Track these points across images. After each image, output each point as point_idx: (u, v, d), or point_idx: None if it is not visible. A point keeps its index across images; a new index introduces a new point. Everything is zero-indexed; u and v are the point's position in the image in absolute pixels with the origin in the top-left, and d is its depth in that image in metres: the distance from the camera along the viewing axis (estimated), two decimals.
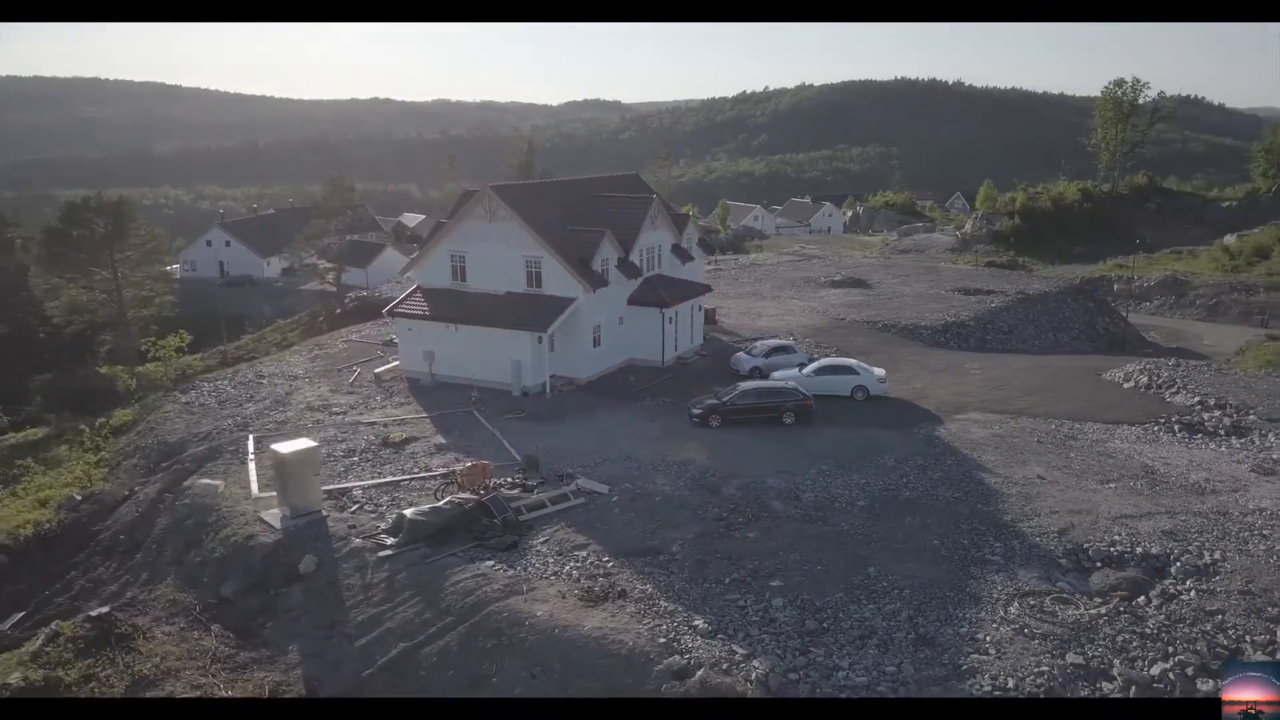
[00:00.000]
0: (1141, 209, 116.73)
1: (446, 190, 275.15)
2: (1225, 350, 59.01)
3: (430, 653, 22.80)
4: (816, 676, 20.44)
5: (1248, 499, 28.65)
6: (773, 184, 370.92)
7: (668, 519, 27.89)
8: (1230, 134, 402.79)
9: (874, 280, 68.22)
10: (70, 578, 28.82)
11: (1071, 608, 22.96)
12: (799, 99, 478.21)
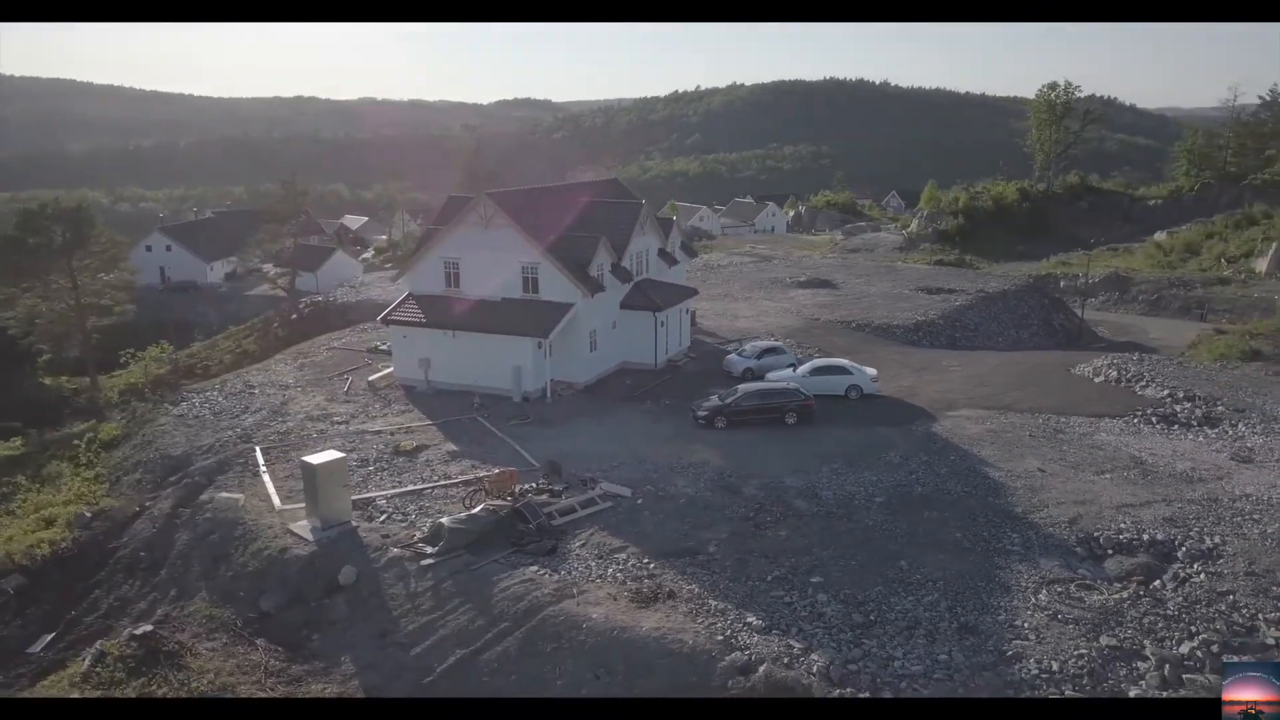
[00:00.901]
0: (1075, 207, 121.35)
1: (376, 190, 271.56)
2: (1171, 343, 61.93)
3: (490, 658, 23.19)
4: (874, 667, 21.47)
5: (1233, 486, 30.58)
6: (708, 183, 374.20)
7: (697, 520, 28.66)
8: (1141, 134, 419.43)
9: (838, 280, 69.97)
10: (94, 597, 28.34)
11: (1095, 593, 24.42)
12: (731, 98, 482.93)
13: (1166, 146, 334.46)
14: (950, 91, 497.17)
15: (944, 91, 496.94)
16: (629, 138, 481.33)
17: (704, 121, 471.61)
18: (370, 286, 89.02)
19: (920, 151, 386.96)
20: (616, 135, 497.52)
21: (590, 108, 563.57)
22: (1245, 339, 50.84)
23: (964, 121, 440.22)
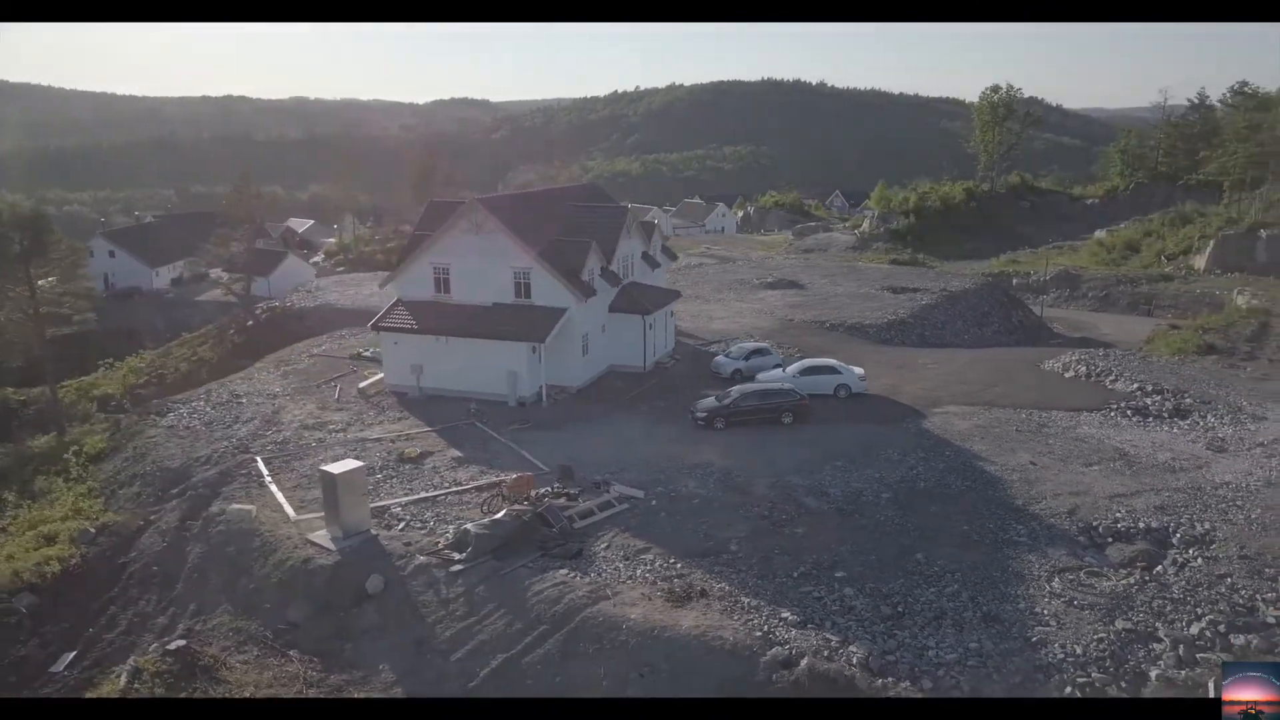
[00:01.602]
0: (1017, 207, 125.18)
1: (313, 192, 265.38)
2: (1123, 339, 64.44)
3: (532, 661, 23.56)
4: (910, 657, 22.39)
5: (1212, 475, 32.30)
6: (649, 183, 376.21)
7: (714, 520, 29.33)
8: (1067, 134, 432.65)
9: (805, 281, 71.34)
10: (111, 613, 27.92)
11: (1104, 579, 25.73)
12: (671, 99, 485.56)
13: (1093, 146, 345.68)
14: (884, 92, 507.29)
15: (877, 92, 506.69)
16: (569, 138, 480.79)
17: (644, 121, 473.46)
18: (326, 291, 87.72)
19: (857, 151, 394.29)
20: (556, 135, 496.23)
21: (529, 107, 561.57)
22: (1199, 334, 53.36)
23: (898, 121, 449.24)
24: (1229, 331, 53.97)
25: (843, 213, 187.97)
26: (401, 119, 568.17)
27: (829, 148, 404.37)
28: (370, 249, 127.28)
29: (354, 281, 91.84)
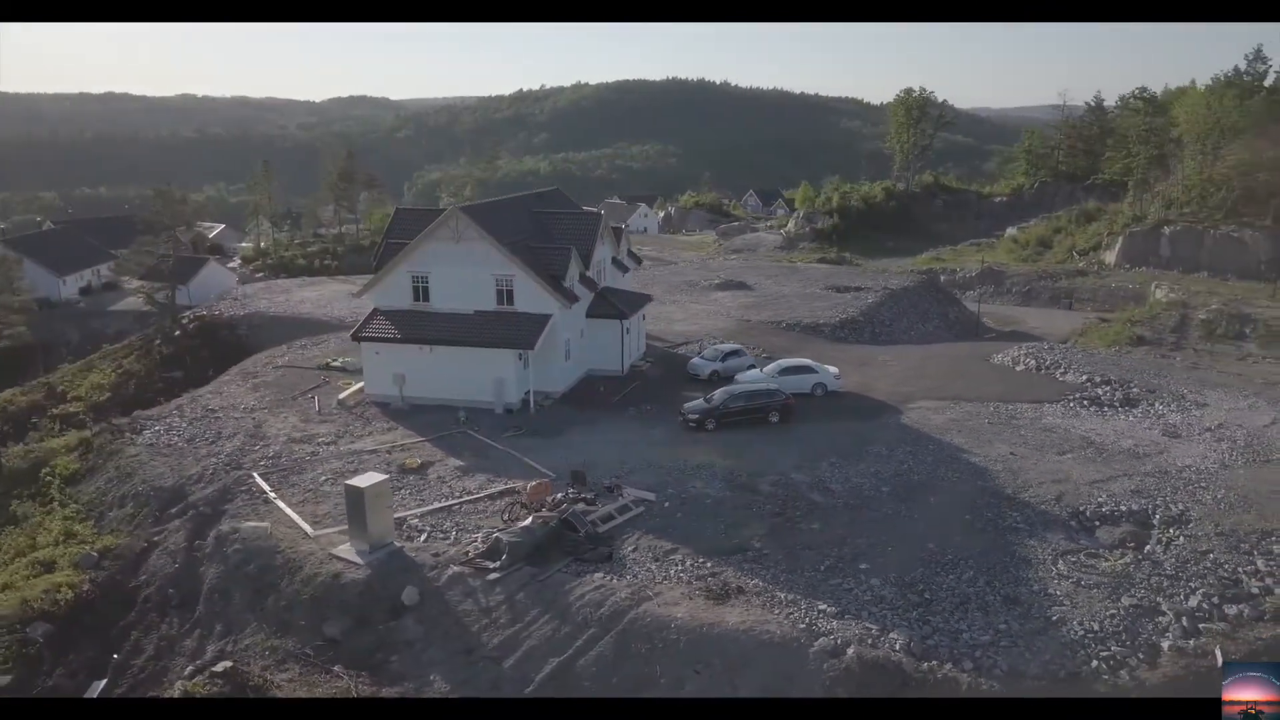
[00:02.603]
0: (932, 205, 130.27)
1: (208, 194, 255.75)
2: (1051, 331, 68.16)
3: (586, 664, 24.19)
4: (947, 640, 23.88)
5: (1173, 459, 34.96)
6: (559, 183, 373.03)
7: (731, 519, 30.38)
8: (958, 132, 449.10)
9: (751, 282, 73.08)
10: (134, 639, 27.27)
11: (1103, 560, 27.78)
12: (577, 97, 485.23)
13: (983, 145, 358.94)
14: (786, 91, 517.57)
15: (780, 91, 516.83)
16: (475, 137, 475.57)
17: (551, 120, 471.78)
18: (254, 298, 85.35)
19: (763, 150, 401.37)
20: (462, 134, 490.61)
21: (432, 106, 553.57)
22: (1128, 326, 57.05)
23: (800, 121, 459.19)
24: (1154, 323, 57.88)
25: (757, 212, 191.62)
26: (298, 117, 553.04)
27: (734, 147, 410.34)
28: (291, 254, 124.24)
29: (281, 288, 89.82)
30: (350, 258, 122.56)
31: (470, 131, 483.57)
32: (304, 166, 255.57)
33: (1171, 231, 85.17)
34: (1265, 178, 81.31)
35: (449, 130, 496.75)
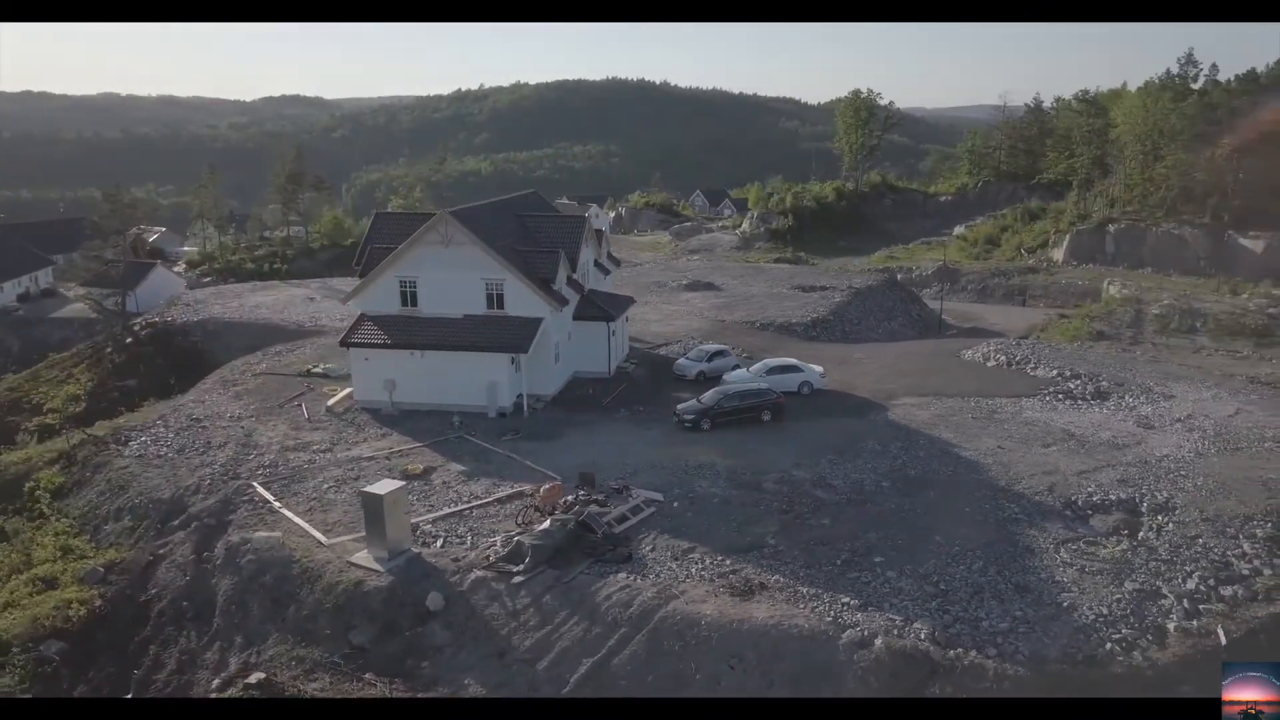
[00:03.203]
0: (880, 204, 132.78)
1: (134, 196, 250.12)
2: (1009, 327, 70.24)
3: (621, 663, 24.59)
4: (969, 629, 24.81)
5: (1151, 449, 36.55)
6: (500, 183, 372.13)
7: (742, 517, 31.02)
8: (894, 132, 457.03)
9: (718, 282, 73.95)
10: (153, 654, 26.84)
11: (1101, 547, 29.05)
12: (517, 97, 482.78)
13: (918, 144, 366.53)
14: (725, 91, 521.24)
15: (719, 91, 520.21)
16: (414, 137, 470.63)
17: (491, 120, 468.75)
18: (207, 303, 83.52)
19: (704, 150, 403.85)
20: (400, 134, 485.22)
21: (369, 105, 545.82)
22: (1087, 322, 59.21)
23: (740, 121, 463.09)
24: (1111, 319, 60.15)
25: (704, 212, 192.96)
26: (229, 117, 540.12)
27: (676, 146, 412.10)
28: (238, 258, 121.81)
29: (233, 293, 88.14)
30: (300, 261, 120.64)
31: (409, 132, 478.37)
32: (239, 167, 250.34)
33: (1115, 229, 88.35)
34: (1202, 177, 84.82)
35: (387, 130, 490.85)
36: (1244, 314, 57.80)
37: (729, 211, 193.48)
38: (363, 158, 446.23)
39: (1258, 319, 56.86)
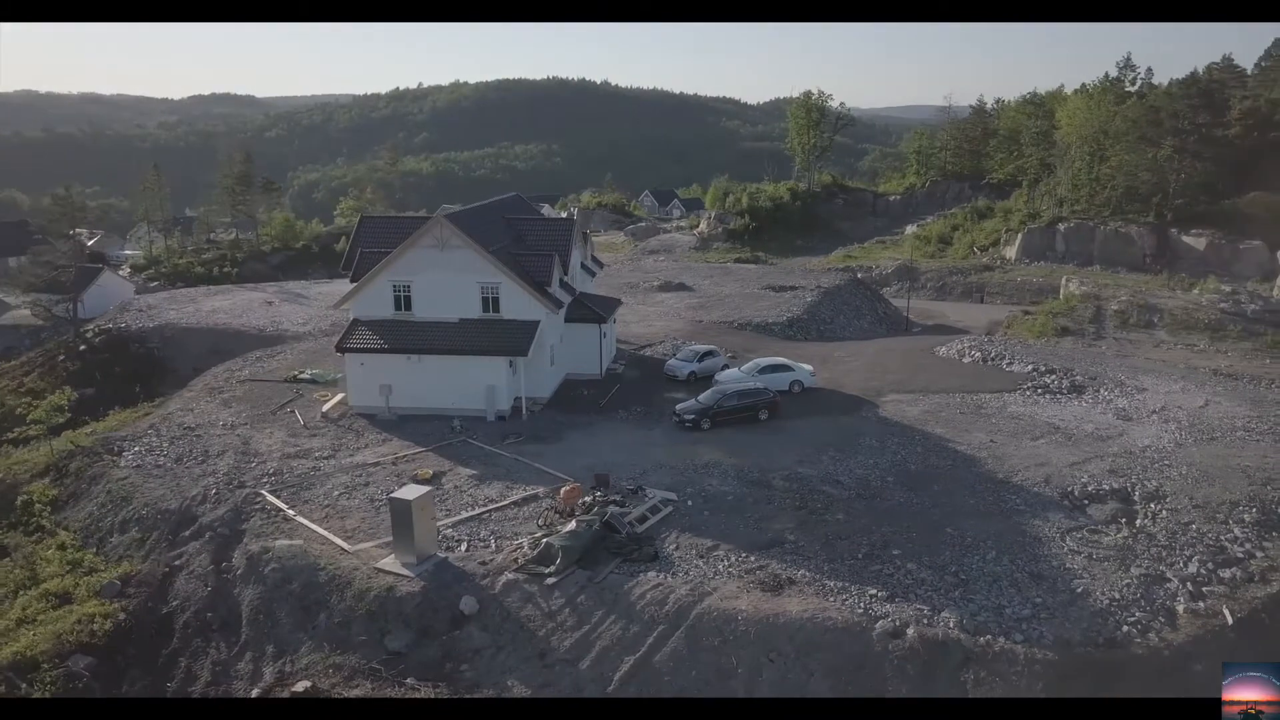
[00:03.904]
0: (832, 204, 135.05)
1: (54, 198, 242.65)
2: (972, 324, 72.29)
3: (663, 660, 25.08)
4: (993, 616, 25.81)
5: (1133, 441, 38.22)
6: (442, 183, 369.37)
7: (757, 514, 31.72)
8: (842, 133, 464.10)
9: (690, 282, 74.73)
10: (184, 666, 26.49)
11: (1104, 535, 30.40)
12: (457, 96, 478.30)
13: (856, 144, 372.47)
14: (666, 91, 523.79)
15: (661, 91, 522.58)
16: (352, 136, 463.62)
17: (431, 120, 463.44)
18: (161, 309, 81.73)
19: (647, 149, 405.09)
20: (337, 134, 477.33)
21: (304, 104, 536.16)
22: (1051, 318, 61.35)
23: (682, 120, 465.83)
24: (1072, 315, 62.39)
25: (654, 212, 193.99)
26: (156, 116, 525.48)
27: (618, 146, 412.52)
28: (185, 261, 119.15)
29: (186, 297, 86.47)
30: (251, 264, 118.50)
31: (346, 131, 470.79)
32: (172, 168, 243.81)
33: (1065, 228, 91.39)
34: (1146, 178, 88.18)
35: (323, 129, 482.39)
36: (1197, 309, 60.50)
37: (678, 212, 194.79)
38: (299, 157, 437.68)
39: (1210, 314, 59.56)
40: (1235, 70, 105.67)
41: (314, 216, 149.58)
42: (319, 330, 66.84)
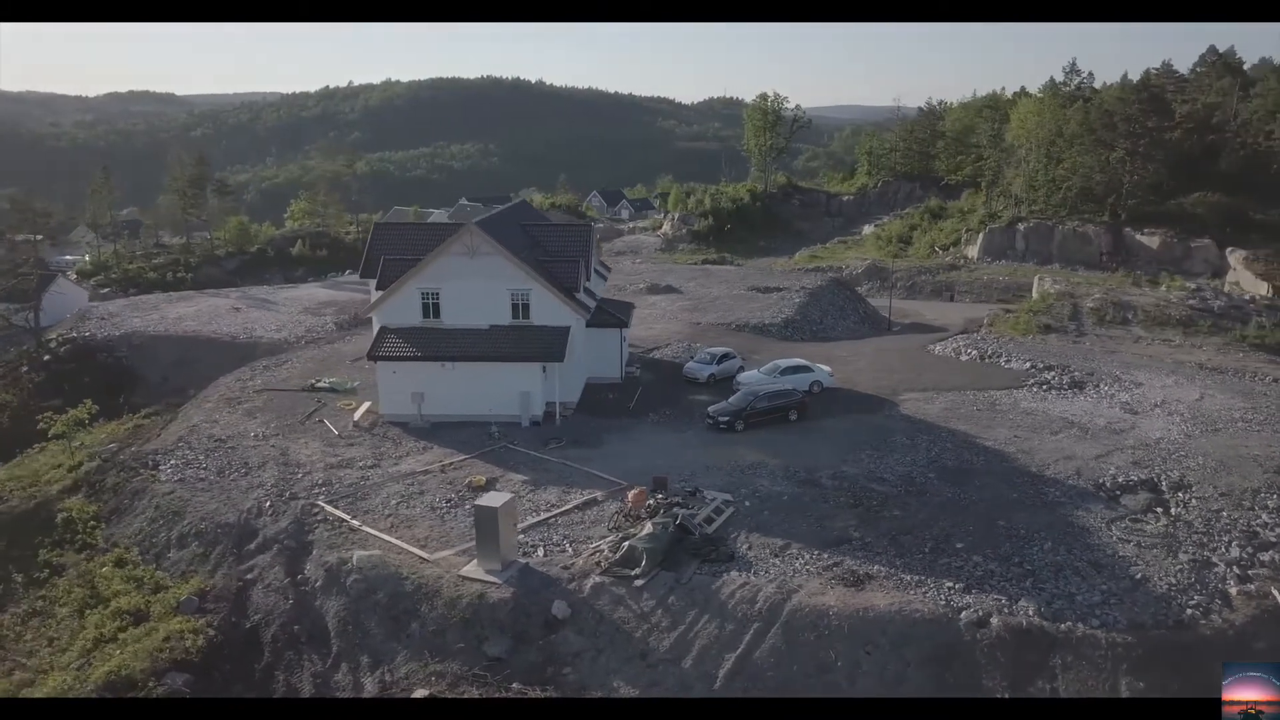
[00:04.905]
0: (790, 205, 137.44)
1: None
2: (949, 322, 74.31)
3: (763, 656, 25.91)
4: (1068, 603, 27.21)
5: (1145, 433, 40.29)
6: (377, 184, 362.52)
7: (816, 512, 32.75)
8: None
9: (677, 285, 75.67)
10: (283, 679, 26.31)
11: (1145, 524, 32.17)
12: (389, 95, 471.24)
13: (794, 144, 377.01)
14: (601, 91, 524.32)
15: (595, 91, 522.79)
16: (281, 135, 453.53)
17: (363, 119, 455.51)
18: (122, 316, 79.49)
19: (584, 149, 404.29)
20: (266, 133, 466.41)
21: (229, 103, 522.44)
22: (1032, 316, 63.81)
23: (617, 120, 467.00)
24: (1050, 312, 64.97)
25: (603, 213, 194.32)
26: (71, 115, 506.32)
27: (555, 146, 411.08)
28: (136, 267, 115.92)
29: (148, 304, 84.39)
30: (206, 269, 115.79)
31: (274, 130, 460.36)
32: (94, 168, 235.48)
33: (1025, 228, 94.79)
34: (1100, 179, 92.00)
35: (250, 129, 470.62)
36: (1168, 305, 63.63)
37: (627, 212, 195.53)
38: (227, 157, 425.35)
39: (1180, 310, 62.72)
40: (1175, 75, 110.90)
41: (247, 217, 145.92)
42: (295, 337, 66.12)
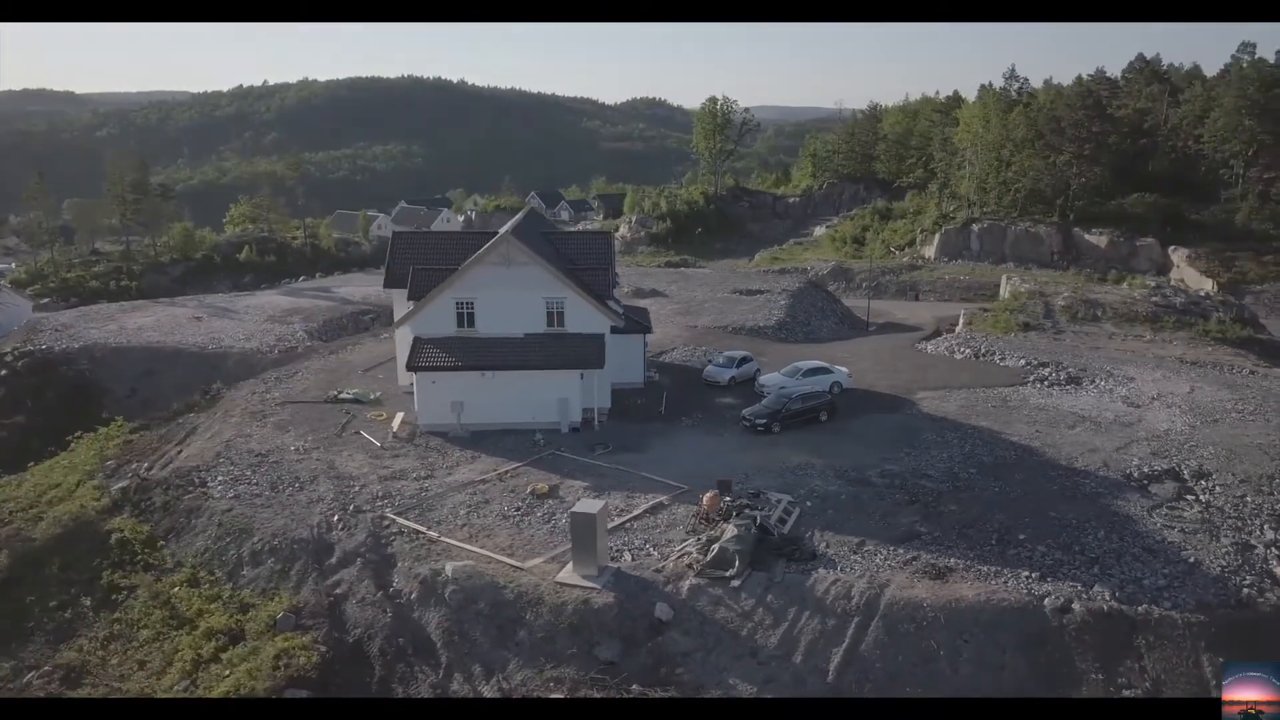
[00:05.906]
0: (739, 207, 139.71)
1: None
2: (920, 321, 76.98)
3: (869, 648, 27.08)
4: (1137, 587, 29.07)
5: (1153, 426, 42.83)
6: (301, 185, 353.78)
7: (878, 509, 34.11)
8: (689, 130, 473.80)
9: (663, 288, 76.66)
10: (398, 692, 26.35)
11: (1183, 510, 34.41)
12: (306, 94, 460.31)
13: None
14: (524, 91, 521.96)
15: (519, 91, 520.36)
16: (194, 136, 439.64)
17: (279, 119, 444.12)
18: (77, 328, 76.68)
19: (510, 150, 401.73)
20: (177, 134, 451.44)
21: (136, 101, 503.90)
22: (1010, 314, 66.60)
23: (542, 120, 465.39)
24: (1026, 311, 67.90)
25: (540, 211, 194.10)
26: None
27: (480, 146, 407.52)
28: (75, 275, 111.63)
29: (103, 315, 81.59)
30: (151, 277, 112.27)
31: (186, 131, 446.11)
32: None
33: (979, 228, 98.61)
34: (1048, 181, 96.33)
35: (161, 129, 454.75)
36: (1134, 303, 67.19)
37: (567, 214, 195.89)
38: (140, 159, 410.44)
39: (1145, 306, 66.34)
40: (1109, 81, 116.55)
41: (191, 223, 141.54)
42: (267, 346, 65.11)
